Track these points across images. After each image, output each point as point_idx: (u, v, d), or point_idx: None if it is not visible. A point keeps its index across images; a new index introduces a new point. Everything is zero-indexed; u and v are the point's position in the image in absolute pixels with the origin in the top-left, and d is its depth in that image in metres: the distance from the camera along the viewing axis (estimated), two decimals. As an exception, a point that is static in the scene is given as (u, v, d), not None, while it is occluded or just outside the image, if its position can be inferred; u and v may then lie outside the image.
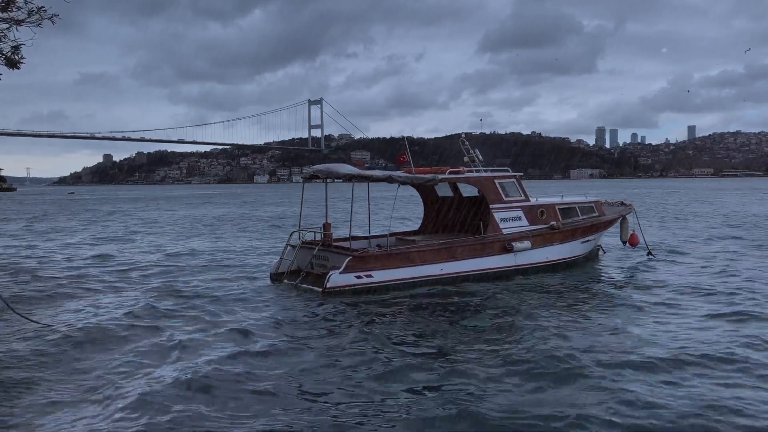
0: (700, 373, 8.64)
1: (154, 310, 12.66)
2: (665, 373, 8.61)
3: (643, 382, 8.21)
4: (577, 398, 7.66)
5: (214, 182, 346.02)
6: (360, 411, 7.42)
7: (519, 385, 8.21)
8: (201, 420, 7.10)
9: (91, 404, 7.67)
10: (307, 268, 15.55)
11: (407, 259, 14.88)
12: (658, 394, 7.74)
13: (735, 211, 45.55)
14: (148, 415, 7.13)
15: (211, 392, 7.92)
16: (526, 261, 16.55)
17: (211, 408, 7.42)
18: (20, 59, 11.27)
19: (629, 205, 21.02)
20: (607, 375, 8.45)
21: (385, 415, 7.32)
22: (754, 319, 11.65)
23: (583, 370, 8.57)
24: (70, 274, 17.93)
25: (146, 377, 8.49)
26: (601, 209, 19.14)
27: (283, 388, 8.18)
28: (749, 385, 8.17)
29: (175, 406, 7.41)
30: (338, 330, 11.22)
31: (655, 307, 12.85)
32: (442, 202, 19.21)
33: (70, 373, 8.86)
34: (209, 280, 16.60)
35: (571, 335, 10.57)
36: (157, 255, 22.53)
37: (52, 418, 7.26)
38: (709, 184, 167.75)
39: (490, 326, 11.36)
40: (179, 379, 8.26)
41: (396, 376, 8.59)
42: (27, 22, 10.99)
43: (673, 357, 9.25)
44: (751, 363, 9.01)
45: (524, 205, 17.05)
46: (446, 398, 7.69)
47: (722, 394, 7.83)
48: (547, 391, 7.95)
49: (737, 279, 16.19)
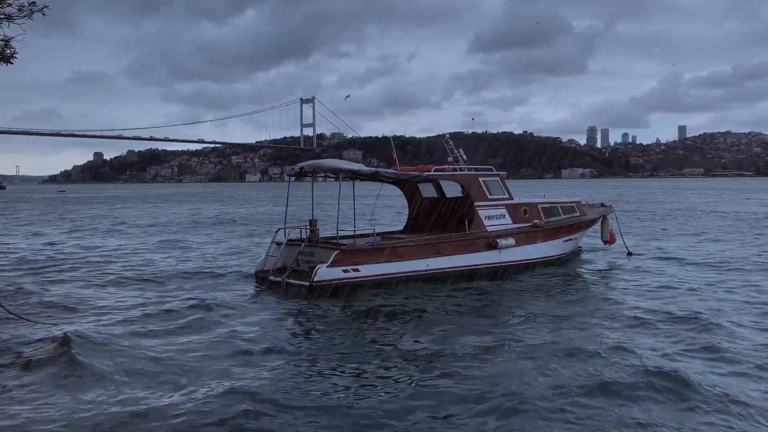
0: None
1: (140, 310, 12.60)
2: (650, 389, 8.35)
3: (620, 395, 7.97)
4: (563, 401, 7.56)
5: (205, 181, 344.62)
6: (346, 413, 7.36)
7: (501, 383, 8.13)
8: (182, 419, 7.06)
9: (81, 404, 7.62)
10: (292, 265, 15.56)
11: (394, 254, 14.96)
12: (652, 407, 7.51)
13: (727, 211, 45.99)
14: (132, 420, 7.09)
15: (196, 392, 7.85)
16: (510, 258, 16.71)
17: (195, 408, 7.35)
18: (13, 54, 11.24)
19: (609, 206, 21.53)
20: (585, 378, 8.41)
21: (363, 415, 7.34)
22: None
23: (567, 374, 8.53)
24: (51, 275, 17.75)
25: (132, 378, 8.42)
26: (582, 209, 19.50)
27: (267, 387, 8.09)
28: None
29: (165, 405, 7.39)
30: (322, 330, 11.15)
31: (631, 310, 12.68)
32: (426, 202, 19.35)
33: (54, 378, 8.75)
34: (194, 279, 16.46)
35: (555, 335, 10.63)
36: (138, 255, 22.29)
37: (42, 418, 7.24)
38: (700, 183, 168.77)
39: (472, 326, 11.36)
40: (161, 380, 8.23)
41: (378, 378, 8.59)
42: (17, 16, 10.98)
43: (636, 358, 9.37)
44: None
45: (508, 204, 17.26)
46: (430, 400, 7.64)
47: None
48: (529, 390, 7.87)
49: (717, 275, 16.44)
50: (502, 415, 7.13)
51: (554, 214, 18.40)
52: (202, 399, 7.64)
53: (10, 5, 11.03)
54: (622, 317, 11.82)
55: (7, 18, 11.05)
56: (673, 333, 10.57)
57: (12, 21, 11.04)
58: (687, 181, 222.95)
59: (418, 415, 7.19)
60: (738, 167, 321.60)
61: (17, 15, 10.96)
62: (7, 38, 11.18)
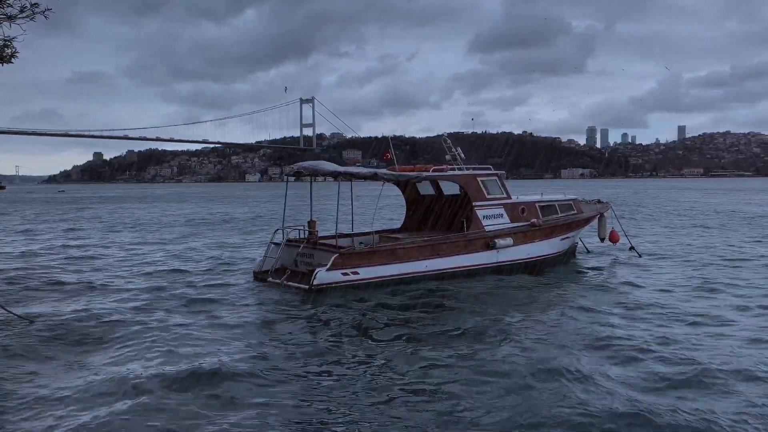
0: (661, 357, 8.81)
1: (137, 310, 12.60)
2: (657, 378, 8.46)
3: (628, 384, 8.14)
4: (559, 400, 7.59)
5: (205, 181, 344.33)
6: (341, 413, 7.39)
7: (502, 386, 8.11)
8: (180, 419, 7.08)
9: (70, 401, 7.67)
10: (291, 266, 15.56)
11: (393, 256, 14.97)
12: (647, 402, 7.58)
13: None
14: (127, 413, 7.14)
15: (193, 392, 7.87)
16: (508, 258, 16.75)
17: (193, 408, 7.37)
18: (13, 54, 11.22)
19: (606, 203, 21.48)
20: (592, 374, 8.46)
21: (363, 417, 7.36)
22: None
23: (569, 371, 8.55)
24: (47, 271, 17.81)
25: (126, 377, 8.42)
26: (579, 207, 19.52)
27: (266, 389, 8.10)
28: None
29: (155, 406, 7.40)
30: (321, 331, 11.14)
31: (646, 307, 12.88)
32: (423, 200, 19.37)
33: (50, 369, 8.87)
34: (191, 279, 16.42)
35: (550, 335, 10.66)
36: (138, 255, 22.28)
37: (33, 414, 7.28)
38: (702, 184, 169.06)
39: (471, 327, 11.30)
40: (160, 380, 8.23)
41: (377, 379, 8.62)
42: (19, 17, 10.96)
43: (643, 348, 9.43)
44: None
45: (506, 203, 17.29)
46: (426, 403, 7.64)
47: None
48: (524, 393, 7.88)
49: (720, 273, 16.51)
50: (501, 414, 7.17)
51: (552, 213, 18.47)
52: (197, 401, 7.65)
53: (11, 6, 11.01)
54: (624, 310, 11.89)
55: (8, 18, 11.03)
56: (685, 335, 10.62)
57: (13, 21, 11.01)
58: (687, 181, 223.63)
59: (414, 415, 7.22)
60: (737, 167, 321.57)
61: (19, 16, 10.93)
62: (8, 38, 11.16)
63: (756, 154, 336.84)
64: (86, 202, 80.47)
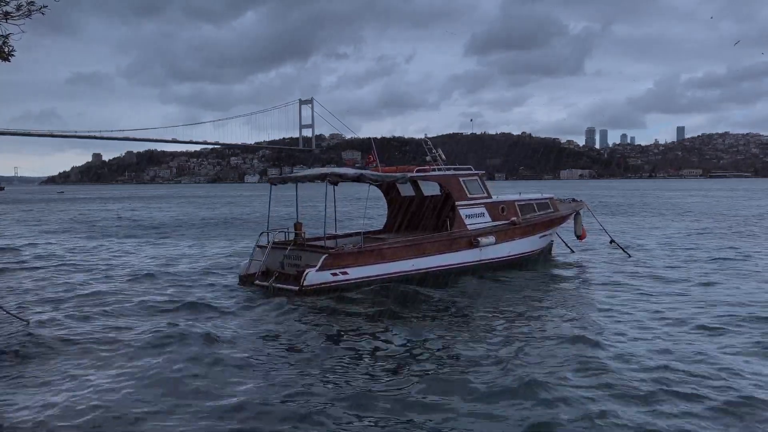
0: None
1: (123, 313, 12.53)
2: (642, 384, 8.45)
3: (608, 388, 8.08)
4: (548, 401, 7.55)
5: (204, 182, 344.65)
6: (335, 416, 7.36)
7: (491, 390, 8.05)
8: (167, 422, 7.09)
9: (51, 406, 7.68)
10: (278, 268, 15.47)
11: (380, 256, 15.10)
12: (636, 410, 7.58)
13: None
14: (113, 417, 7.18)
15: (178, 397, 7.82)
16: (491, 256, 17.06)
17: (181, 412, 7.36)
18: (10, 51, 11.24)
19: (580, 201, 22.09)
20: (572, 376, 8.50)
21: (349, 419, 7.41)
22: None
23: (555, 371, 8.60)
24: (31, 274, 17.77)
25: (111, 381, 8.40)
26: (556, 205, 19.96)
27: (255, 393, 8.01)
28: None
29: (143, 409, 7.41)
30: (311, 333, 11.03)
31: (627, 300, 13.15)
32: (404, 201, 19.59)
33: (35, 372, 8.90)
34: (176, 284, 16.16)
35: (535, 334, 10.73)
36: (123, 258, 21.96)
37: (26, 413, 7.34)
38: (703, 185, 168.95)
39: (461, 328, 11.30)
40: (146, 383, 8.24)
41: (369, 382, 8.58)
42: (15, 16, 10.98)
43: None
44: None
45: (487, 202, 17.55)
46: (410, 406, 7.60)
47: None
48: (509, 394, 7.83)
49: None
50: (497, 415, 7.24)
51: (530, 211, 18.82)
52: (189, 405, 7.63)
53: (6, 3, 11.01)
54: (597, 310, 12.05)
55: (4, 15, 11.03)
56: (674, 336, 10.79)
57: (10, 17, 10.99)
58: (687, 181, 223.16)
59: (412, 415, 7.29)
60: (736, 168, 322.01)
61: (15, 14, 10.93)
62: (5, 35, 11.12)
63: (755, 155, 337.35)
64: (83, 202, 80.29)
